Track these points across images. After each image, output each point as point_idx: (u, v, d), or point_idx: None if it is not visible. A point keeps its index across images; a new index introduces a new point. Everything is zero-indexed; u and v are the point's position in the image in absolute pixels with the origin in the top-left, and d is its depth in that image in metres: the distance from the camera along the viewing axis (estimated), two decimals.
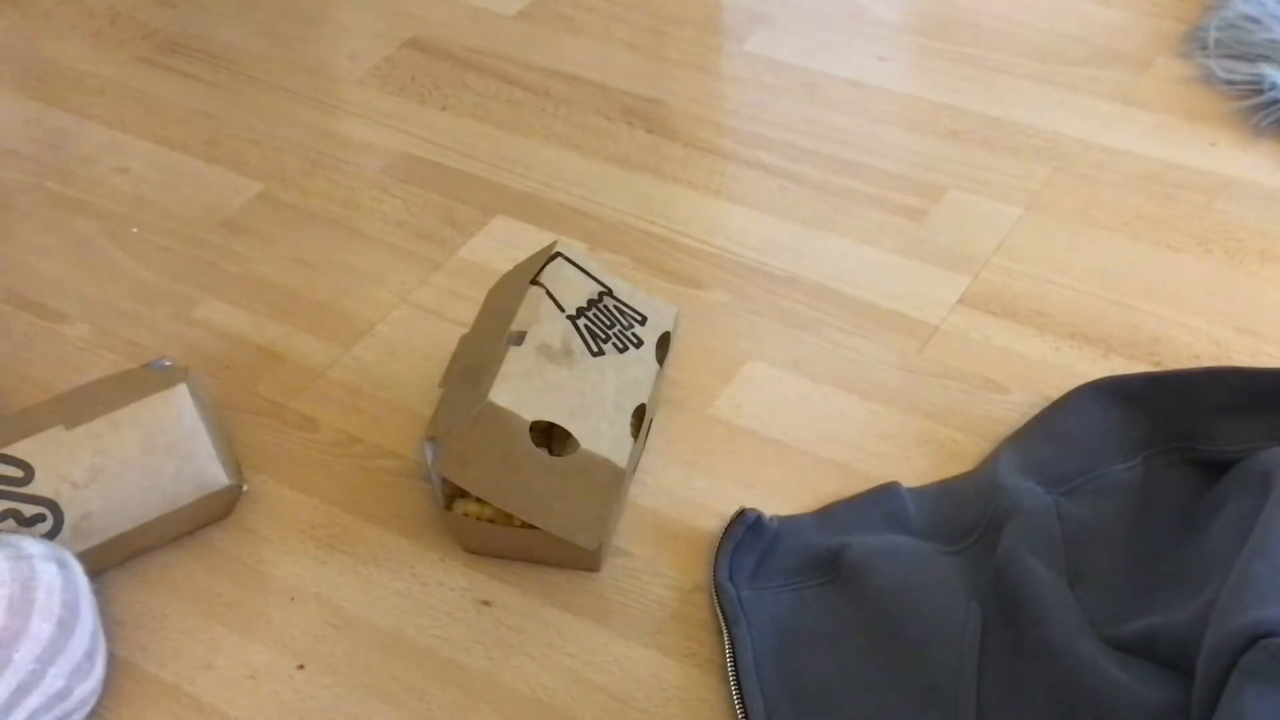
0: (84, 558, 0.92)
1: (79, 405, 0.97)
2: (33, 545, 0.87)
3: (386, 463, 1.07)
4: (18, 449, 0.94)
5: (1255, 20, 1.41)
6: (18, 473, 0.94)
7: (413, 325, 1.17)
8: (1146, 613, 0.89)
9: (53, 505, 0.94)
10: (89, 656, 0.87)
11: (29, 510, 0.93)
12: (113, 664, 0.92)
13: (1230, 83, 1.36)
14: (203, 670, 0.94)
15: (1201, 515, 0.95)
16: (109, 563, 0.97)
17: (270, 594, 0.98)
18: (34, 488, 0.94)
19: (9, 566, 0.85)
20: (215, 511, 1.00)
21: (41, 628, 0.84)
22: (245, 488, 1.03)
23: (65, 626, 0.86)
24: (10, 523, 0.93)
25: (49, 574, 0.86)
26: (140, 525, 0.97)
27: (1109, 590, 0.93)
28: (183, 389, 0.98)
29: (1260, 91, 1.33)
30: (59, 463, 0.95)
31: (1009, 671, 0.88)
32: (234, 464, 1.02)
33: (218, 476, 0.99)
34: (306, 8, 1.56)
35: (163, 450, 0.97)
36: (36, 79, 1.47)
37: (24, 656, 0.83)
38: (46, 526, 0.94)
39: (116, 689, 0.92)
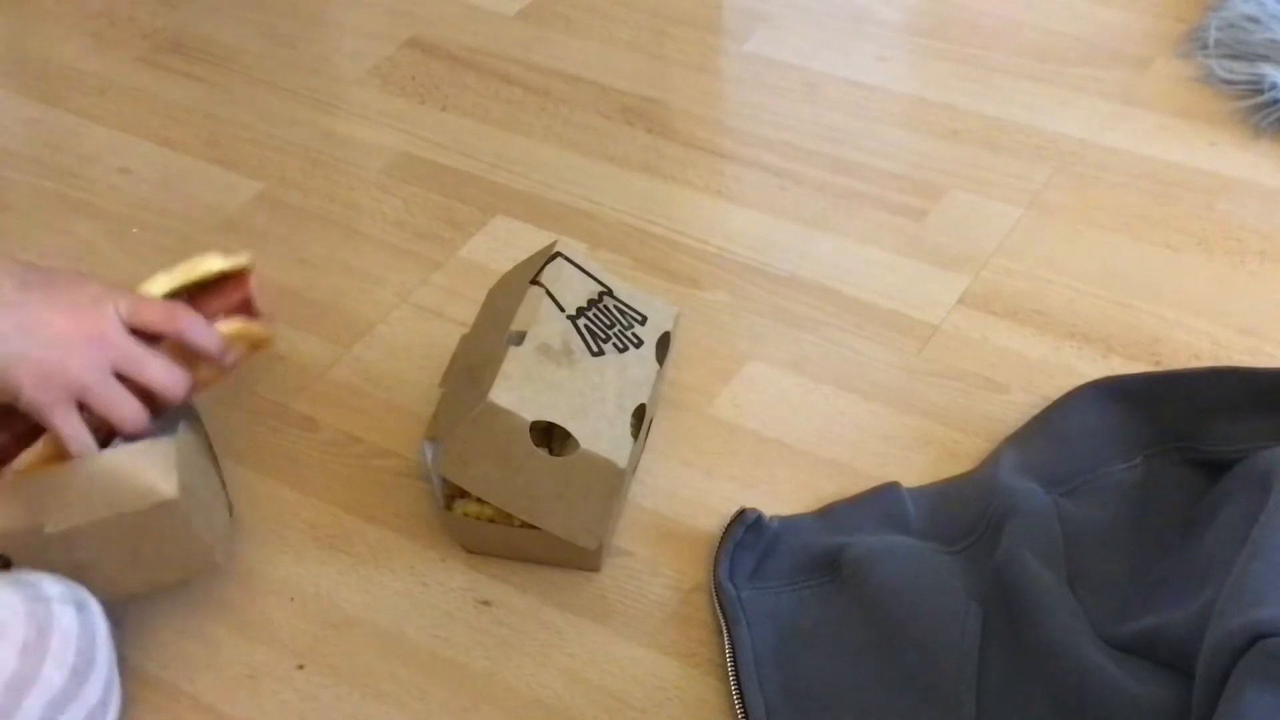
0: None
1: (61, 495, 0.89)
2: (52, 586, 0.85)
3: (386, 463, 1.07)
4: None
5: (1255, 20, 1.41)
6: None
7: (413, 325, 1.17)
8: (1146, 613, 0.89)
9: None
10: (102, 704, 0.85)
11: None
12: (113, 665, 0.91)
13: (1230, 83, 1.36)
14: (203, 670, 0.94)
15: (1201, 515, 0.95)
16: None
17: (270, 594, 0.98)
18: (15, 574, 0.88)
19: (26, 610, 0.82)
20: None
21: (54, 676, 0.82)
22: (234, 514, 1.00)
23: (79, 675, 0.83)
24: None
25: (66, 619, 0.83)
26: (131, 598, 0.94)
27: (1109, 590, 0.93)
28: (174, 500, 0.88)
29: (1260, 91, 1.33)
30: (36, 558, 0.88)
31: (1009, 671, 0.88)
32: (227, 526, 0.97)
33: (210, 560, 0.94)
34: (306, 8, 1.56)
35: (152, 555, 0.91)
36: (36, 79, 1.47)
37: (33, 704, 0.80)
38: None
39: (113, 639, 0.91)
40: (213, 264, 0.99)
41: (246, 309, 0.99)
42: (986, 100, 1.37)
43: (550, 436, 0.98)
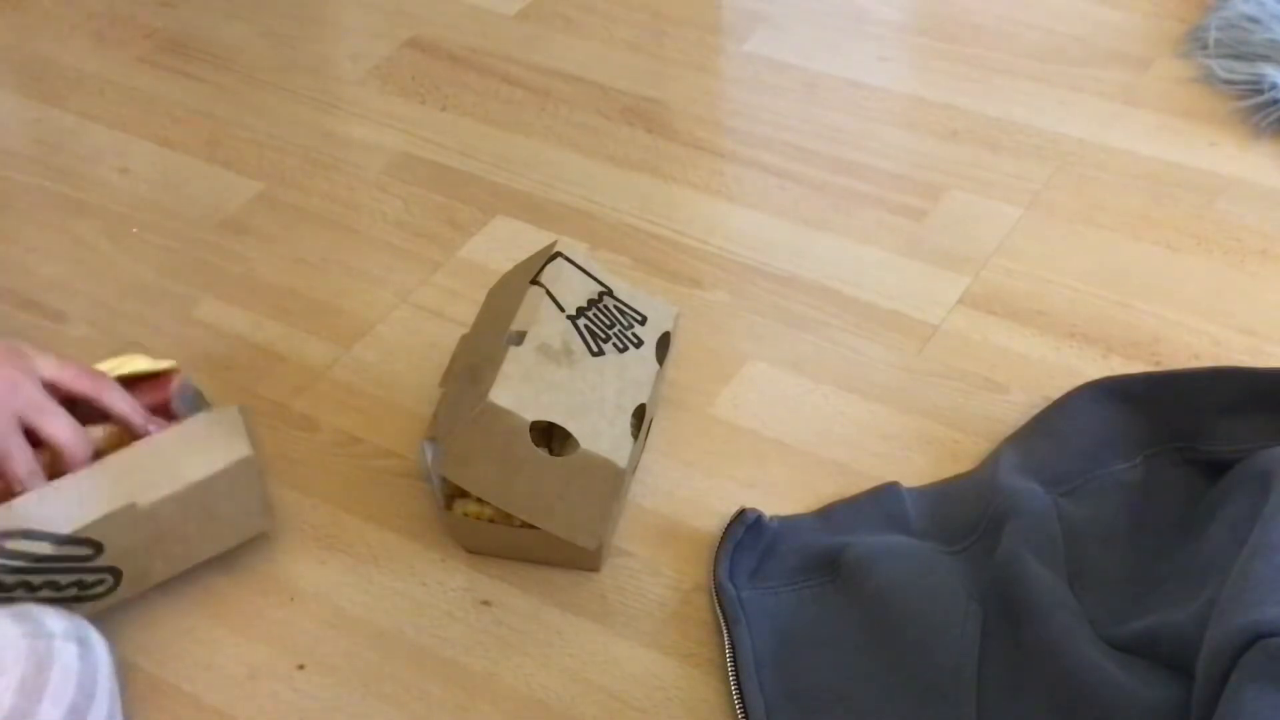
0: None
1: (145, 472, 0.94)
2: (55, 622, 0.83)
3: (386, 463, 1.07)
4: (92, 530, 0.91)
5: (1255, 20, 1.41)
6: (88, 551, 0.92)
7: (413, 325, 1.17)
8: (1146, 613, 0.89)
9: (115, 571, 0.93)
10: None
11: (92, 578, 0.92)
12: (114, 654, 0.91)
13: (1230, 83, 1.36)
14: (203, 670, 0.94)
15: (1201, 515, 0.95)
16: None
17: (270, 594, 0.98)
18: (100, 560, 0.92)
19: (26, 645, 0.81)
20: None
21: (51, 714, 0.80)
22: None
23: (77, 713, 0.81)
24: (73, 590, 0.92)
25: (68, 655, 0.82)
26: (190, 568, 0.97)
27: (1109, 590, 0.93)
28: (251, 459, 0.95)
29: (1260, 91, 1.33)
30: (126, 537, 0.92)
31: (1009, 671, 0.88)
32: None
33: (261, 525, 0.99)
34: (306, 8, 1.56)
35: (224, 517, 0.96)
36: (36, 79, 1.47)
37: None
38: (105, 588, 0.93)
39: (118, 677, 0.92)
40: (139, 364, 1.01)
41: (162, 412, 1.00)
42: (986, 100, 1.37)
43: (550, 436, 0.98)
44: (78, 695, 0.82)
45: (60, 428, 0.92)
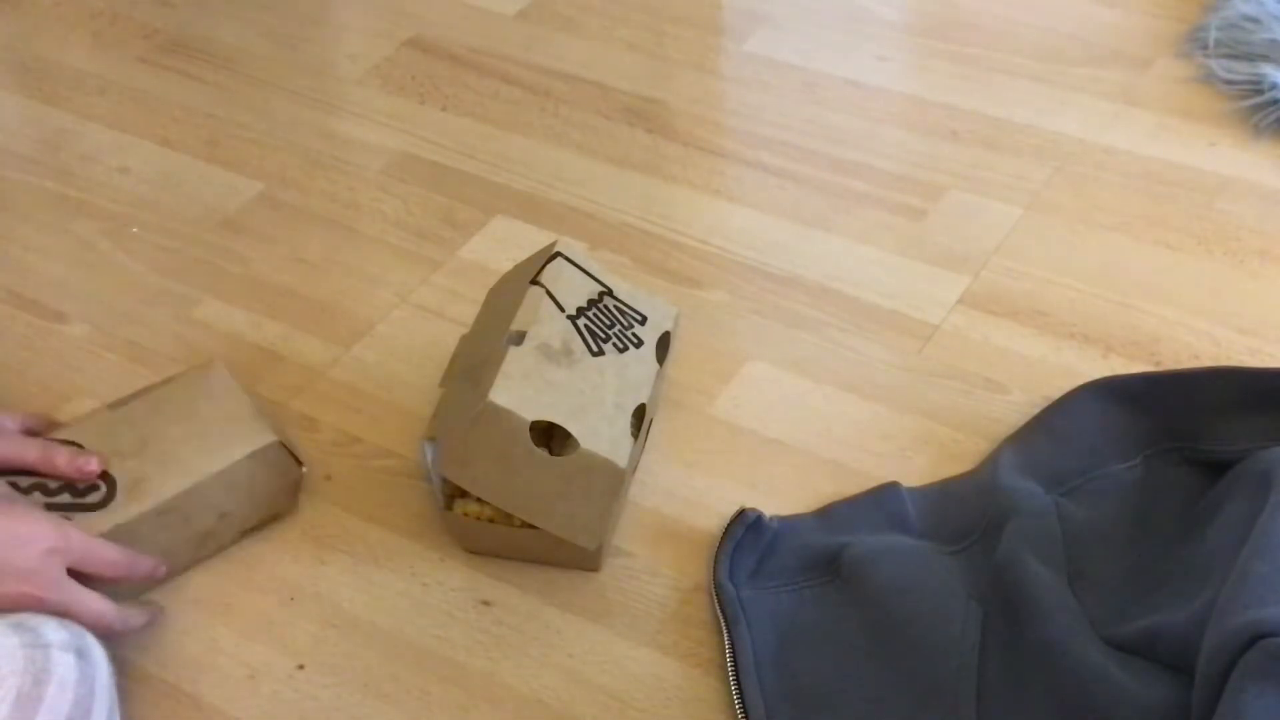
0: (153, 543, 0.94)
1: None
2: (54, 632, 0.84)
3: (386, 463, 1.07)
4: (63, 433, 0.97)
5: (1255, 20, 1.41)
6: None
7: (413, 325, 1.17)
8: (1147, 613, 0.89)
9: (104, 475, 0.95)
10: None
11: (83, 483, 0.95)
12: (112, 664, 0.91)
13: (1230, 83, 1.36)
14: (203, 670, 0.94)
15: (1201, 515, 0.95)
16: (187, 558, 0.98)
17: (270, 594, 0.98)
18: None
19: (24, 655, 0.81)
20: (281, 494, 1.01)
21: None
22: (304, 469, 1.02)
23: None
24: (65, 496, 0.94)
25: (64, 666, 0.82)
26: (198, 486, 0.97)
27: (1109, 590, 0.93)
28: (219, 366, 1.03)
29: (1260, 91, 1.33)
30: (106, 439, 0.97)
31: (1009, 671, 0.88)
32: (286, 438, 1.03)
33: (264, 434, 0.99)
34: (306, 8, 1.56)
35: (206, 414, 0.99)
36: (36, 79, 1.47)
37: None
38: (100, 495, 0.94)
39: (116, 688, 0.92)
40: None
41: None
42: (986, 100, 1.37)
43: (550, 436, 0.98)
44: (74, 709, 0.81)
45: (86, 618, 0.89)
